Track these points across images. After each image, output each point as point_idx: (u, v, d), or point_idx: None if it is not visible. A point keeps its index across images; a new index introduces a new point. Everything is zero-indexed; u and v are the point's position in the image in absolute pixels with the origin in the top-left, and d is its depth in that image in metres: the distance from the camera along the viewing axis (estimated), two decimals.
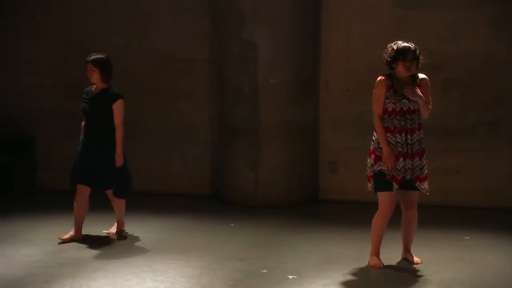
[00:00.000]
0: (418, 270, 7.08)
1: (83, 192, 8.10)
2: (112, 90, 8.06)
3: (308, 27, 10.18)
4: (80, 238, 8.13)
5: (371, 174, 6.97)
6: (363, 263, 7.11)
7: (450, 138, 9.93)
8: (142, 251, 7.84)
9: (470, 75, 9.86)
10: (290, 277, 6.89)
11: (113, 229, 8.52)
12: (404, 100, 6.86)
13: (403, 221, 7.19)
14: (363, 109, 9.51)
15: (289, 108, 9.96)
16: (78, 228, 8.18)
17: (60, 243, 8.00)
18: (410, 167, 6.87)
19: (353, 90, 9.87)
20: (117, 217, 8.47)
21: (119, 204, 8.37)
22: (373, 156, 6.99)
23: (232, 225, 9.04)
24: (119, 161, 7.97)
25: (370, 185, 7.07)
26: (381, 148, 6.86)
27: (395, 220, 7.15)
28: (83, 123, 8.16)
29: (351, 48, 10.13)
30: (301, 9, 10.08)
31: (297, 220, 9.34)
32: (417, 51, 6.93)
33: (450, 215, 9.32)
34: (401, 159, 6.83)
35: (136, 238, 8.37)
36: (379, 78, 7.08)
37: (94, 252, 7.78)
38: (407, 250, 7.31)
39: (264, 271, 7.08)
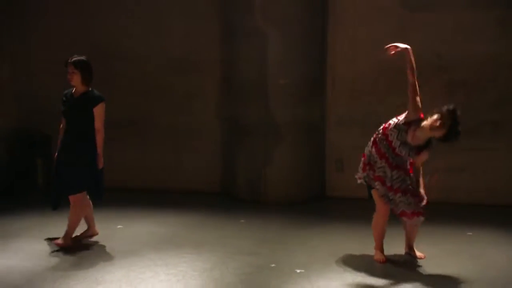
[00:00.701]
0: (421, 265, 7.12)
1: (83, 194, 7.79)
2: (94, 93, 7.70)
3: (316, 29, 10.19)
4: (95, 234, 8.07)
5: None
6: (368, 258, 7.19)
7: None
8: (155, 245, 7.86)
9: (475, 76, 9.86)
10: (298, 271, 6.93)
11: (60, 239, 7.77)
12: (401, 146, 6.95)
13: (403, 223, 7.32)
14: (368, 109, 9.59)
15: (297, 107, 9.98)
16: (91, 224, 8.08)
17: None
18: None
19: (359, 90, 9.92)
20: (68, 228, 7.76)
21: (76, 212, 7.73)
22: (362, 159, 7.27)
23: (242, 221, 9.08)
24: (100, 163, 7.64)
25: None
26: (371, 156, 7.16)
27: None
28: (61, 126, 7.80)
29: (357, 49, 10.09)
30: (309, 12, 10.10)
31: (304, 216, 9.35)
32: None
33: (454, 212, 9.32)
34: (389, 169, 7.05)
35: (150, 233, 8.40)
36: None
37: (109, 246, 7.83)
38: (410, 247, 7.39)
39: (273, 265, 7.13)
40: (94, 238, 8.14)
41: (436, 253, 7.54)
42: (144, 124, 11.02)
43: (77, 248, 7.73)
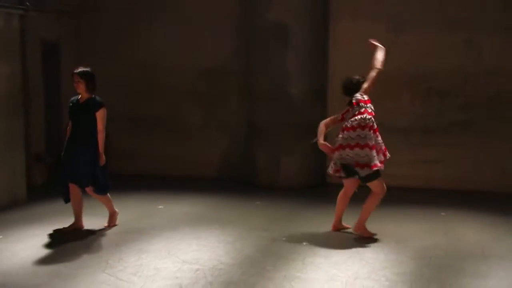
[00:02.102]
0: (403, 239, 7.08)
1: (74, 189, 7.30)
2: (96, 99, 7.29)
3: (320, 48, 10.16)
4: (80, 228, 7.43)
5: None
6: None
7: (430, 135, 9.89)
8: (189, 222, 7.88)
9: (446, 85, 9.82)
10: (304, 243, 6.94)
11: (105, 223, 7.58)
12: None
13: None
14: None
15: (304, 111, 9.93)
16: (78, 218, 7.45)
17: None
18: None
19: None
20: (109, 211, 7.58)
21: (104, 200, 7.50)
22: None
23: (258, 202, 9.06)
24: (102, 160, 7.25)
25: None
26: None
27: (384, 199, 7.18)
28: (68, 128, 7.37)
29: (352, 64, 9.90)
30: (315, 34, 10.07)
31: (309, 199, 9.34)
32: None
33: (430, 196, 9.27)
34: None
35: (184, 212, 8.40)
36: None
37: (151, 223, 7.82)
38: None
39: (284, 238, 7.13)
40: (139, 216, 8.14)
41: (416, 230, 7.54)
42: (179, 122, 11.05)
43: (126, 225, 7.72)
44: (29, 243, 6.93)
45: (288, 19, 9.83)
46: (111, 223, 7.58)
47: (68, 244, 6.92)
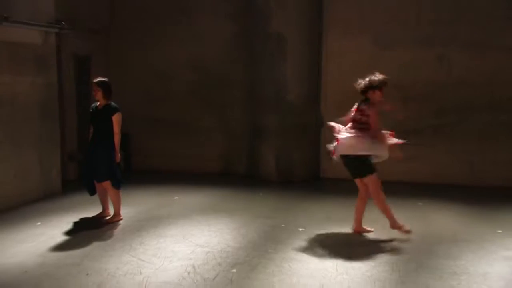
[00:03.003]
0: (386, 225, 6.94)
1: (98, 185, 7.23)
2: (112, 105, 7.17)
3: (314, 59, 10.11)
4: (107, 216, 7.37)
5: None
6: (349, 221, 6.98)
7: (409, 136, 9.84)
8: (200, 211, 7.86)
9: (422, 94, 9.79)
10: (300, 229, 6.94)
11: (108, 217, 7.36)
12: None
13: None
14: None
15: (300, 115, 9.88)
16: (105, 208, 7.45)
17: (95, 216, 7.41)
18: None
19: (343, 102, 9.80)
20: (114, 209, 7.33)
21: (115, 199, 7.27)
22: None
23: (261, 194, 9.04)
24: (117, 157, 7.09)
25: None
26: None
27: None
28: (90, 131, 7.30)
29: (342, 74, 9.91)
30: (310, 47, 10.02)
31: (305, 191, 9.30)
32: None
33: (408, 189, 9.23)
34: None
35: (197, 203, 8.38)
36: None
37: (168, 211, 7.81)
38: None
39: (283, 225, 7.12)
40: (157, 206, 8.12)
41: (397, 217, 7.37)
42: (190, 125, 11.01)
43: (147, 213, 7.71)
44: (63, 228, 6.96)
45: (287, 34, 9.78)
46: (111, 220, 7.26)
47: (96, 229, 6.93)
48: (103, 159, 7.07)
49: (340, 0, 10.04)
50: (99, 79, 7.18)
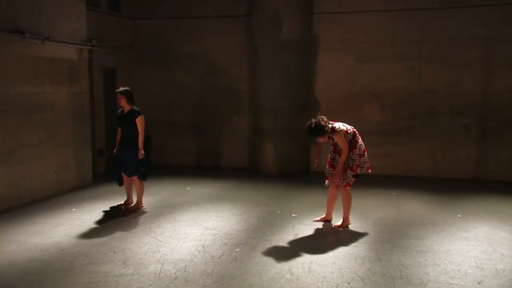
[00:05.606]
0: (365, 211, 7.04)
1: (125, 176, 7.20)
2: (135, 109, 7.07)
3: (305, 72, 10.04)
4: (131, 204, 7.31)
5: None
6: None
7: (385, 136, 9.84)
8: (208, 199, 7.84)
9: (396, 100, 9.75)
10: (294, 215, 6.93)
11: (132, 205, 7.31)
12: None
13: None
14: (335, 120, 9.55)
15: (293, 120, 9.80)
16: (129, 197, 7.39)
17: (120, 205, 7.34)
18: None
19: (330, 108, 9.78)
20: (137, 198, 7.25)
21: (140, 191, 7.20)
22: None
23: (261, 185, 9.00)
24: (141, 154, 6.95)
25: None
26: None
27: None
28: (118, 133, 7.22)
29: (329, 84, 9.97)
30: (302, 62, 9.95)
31: (297, 183, 9.26)
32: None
33: (384, 180, 9.20)
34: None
35: (206, 192, 8.35)
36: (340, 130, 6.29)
37: (182, 199, 7.81)
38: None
39: (278, 212, 7.11)
40: (173, 195, 8.09)
41: (374, 205, 7.50)
42: (202, 127, 10.97)
43: (164, 201, 7.69)
44: (94, 214, 6.97)
45: (284, 53, 9.77)
46: (134, 207, 7.20)
47: (122, 215, 6.94)
48: (131, 157, 7.02)
49: (326, 24, 9.97)
50: (121, 88, 7.11)
